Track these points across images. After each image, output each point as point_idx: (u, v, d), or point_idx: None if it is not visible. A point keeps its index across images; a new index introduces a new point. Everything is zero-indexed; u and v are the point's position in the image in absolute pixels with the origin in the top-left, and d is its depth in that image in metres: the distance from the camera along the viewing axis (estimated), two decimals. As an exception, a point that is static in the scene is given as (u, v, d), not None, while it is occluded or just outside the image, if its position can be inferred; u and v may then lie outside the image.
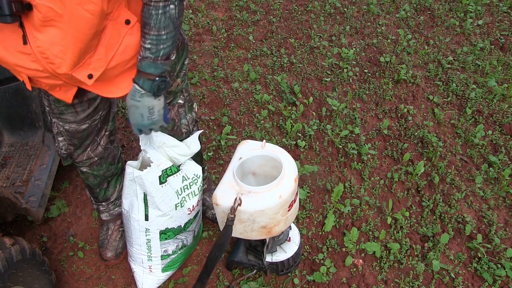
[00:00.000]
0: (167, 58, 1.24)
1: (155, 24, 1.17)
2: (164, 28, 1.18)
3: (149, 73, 1.22)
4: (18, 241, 1.45)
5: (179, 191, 1.61)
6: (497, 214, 2.17)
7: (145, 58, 1.21)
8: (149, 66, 1.21)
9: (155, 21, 1.16)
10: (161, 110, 1.33)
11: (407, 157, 2.38)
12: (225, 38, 3.35)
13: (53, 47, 1.08)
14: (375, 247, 1.96)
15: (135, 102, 1.27)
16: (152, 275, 1.76)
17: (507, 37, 3.45)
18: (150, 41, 1.19)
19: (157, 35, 1.18)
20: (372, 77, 3.03)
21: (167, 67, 1.26)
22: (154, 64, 1.21)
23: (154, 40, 1.19)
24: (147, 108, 1.29)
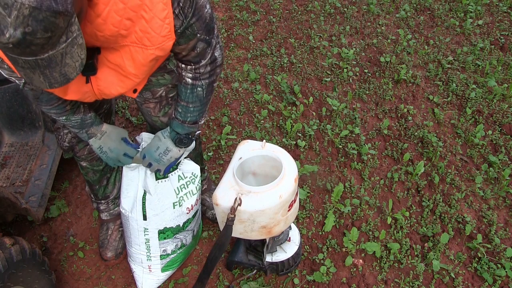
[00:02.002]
0: (194, 123, 1.42)
1: (184, 98, 1.34)
2: (192, 103, 1.35)
3: (177, 132, 1.43)
4: (18, 241, 1.45)
5: (177, 190, 1.61)
6: (497, 214, 2.17)
7: (176, 119, 1.40)
8: (177, 126, 1.42)
9: (184, 96, 1.34)
10: (173, 159, 1.49)
11: (407, 157, 2.38)
12: (225, 38, 3.35)
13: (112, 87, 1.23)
14: (375, 247, 1.96)
15: (161, 136, 1.46)
16: (152, 275, 1.76)
17: (507, 37, 3.45)
18: (180, 108, 1.37)
19: (186, 106, 1.36)
20: (372, 77, 3.03)
21: (195, 129, 1.45)
22: (181, 125, 1.41)
23: (183, 108, 1.37)
24: (165, 148, 1.46)
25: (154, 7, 1.01)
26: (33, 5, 0.72)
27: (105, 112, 1.62)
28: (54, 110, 1.31)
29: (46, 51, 0.81)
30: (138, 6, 0.99)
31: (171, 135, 1.44)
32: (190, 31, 1.13)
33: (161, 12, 1.03)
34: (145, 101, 1.56)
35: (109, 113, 1.67)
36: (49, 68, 0.84)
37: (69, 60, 0.86)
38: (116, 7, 0.97)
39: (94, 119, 1.41)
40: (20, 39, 0.75)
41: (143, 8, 1.00)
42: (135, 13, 1.01)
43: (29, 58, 0.80)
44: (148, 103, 1.56)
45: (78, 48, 0.86)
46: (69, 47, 0.84)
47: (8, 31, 0.73)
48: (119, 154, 1.48)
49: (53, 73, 0.85)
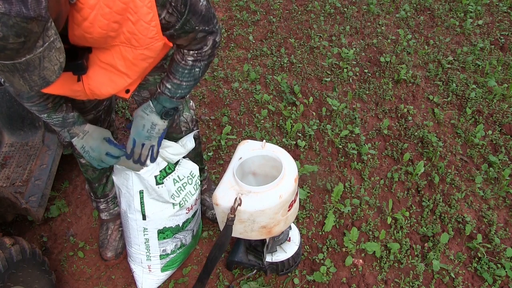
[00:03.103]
0: (182, 97, 1.40)
1: (179, 76, 1.34)
2: (186, 81, 1.35)
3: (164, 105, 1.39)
4: (18, 241, 1.45)
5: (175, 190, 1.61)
6: (497, 214, 2.17)
7: (163, 94, 1.37)
8: (165, 101, 1.38)
9: (180, 75, 1.33)
10: (161, 131, 1.46)
11: (407, 157, 2.38)
12: (225, 38, 3.35)
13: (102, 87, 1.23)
14: (375, 247, 1.96)
15: (143, 113, 1.41)
16: (152, 275, 1.76)
17: (507, 37, 3.45)
18: (171, 85, 1.35)
19: (178, 84, 1.35)
20: (372, 77, 3.03)
21: (181, 103, 1.43)
22: (170, 100, 1.38)
23: (174, 85, 1.35)
24: (151, 123, 1.42)
25: (139, 10, 1.03)
26: (1, 11, 0.72)
27: (105, 108, 1.62)
28: (36, 107, 1.31)
29: (23, 55, 0.81)
30: (123, 9, 1.02)
31: (156, 109, 1.40)
32: (189, 26, 1.16)
33: (145, 16, 1.05)
34: (144, 100, 1.57)
35: (109, 110, 1.67)
36: (28, 72, 0.84)
37: (47, 64, 0.86)
38: (102, 11, 0.99)
39: (77, 118, 1.40)
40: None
41: (129, 11, 1.03)
42: (121, 16, 1.03)
43: (6, 62, 0.81)
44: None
45: (56, 52, 0.87)
46: (47, 51, 0.84)
47: None
48: (101, 154, 1.45)
49: (32, 76, 0.86)
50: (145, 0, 1.03)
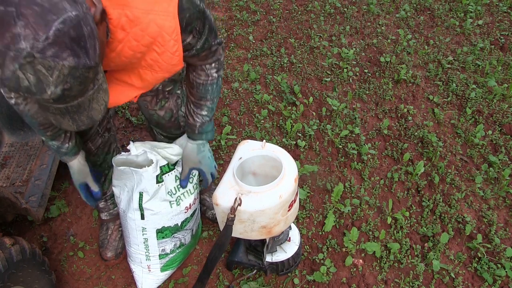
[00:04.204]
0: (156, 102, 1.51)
1: (211, 96, 1.42)
2: (217, 97, 1.45)
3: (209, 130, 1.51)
4: (18, 241, 1.45)
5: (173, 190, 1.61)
6: (497, 214, 2.17)
7: (204, 122, 1.47)
8: (208, 126, 1.49)
9: (211, 93, 1.42)
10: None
11: (407, 157, 2.38)
12: (225, 38, 3.35)
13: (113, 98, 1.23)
14: (375, 247, 1.96)
15: (202, 153, 1.54)
16: (151, 275, 1.76)
17: (507, 37, 3.45)
18: (207, 109, 1.45)
19: (211, 104, 1.45)
20: (372, 77, 3.03)
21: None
22: (211, 123, 1.50)
23: (210, 107, 1.45)
24: (208, 150, 1.56)
25: (166, 43, 1.10)
26: (72, 65, 0.80)
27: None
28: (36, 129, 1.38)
29: (77, 99, 0.88)
30: (150, 42, 1.08)
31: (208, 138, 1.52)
32: (207, 44, 1.25)
33: (172, 47, 1.12)
34: (144, 100, 1.58)
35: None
36: (78, 113, 0.91)
37: (95, 105, 0.93)
38: (130, 44, 1.06)
39: (69, 150, 1.46)
40: (59, 95, 0.83)
41: (156, 44, 1.09)
42: (147, 47, 1.09)
43: (60, 106, 0.88)
44: (144, 96, 1.58)
45: (103, 93, 0.94)
46: (96, 93, 0.92)
47: (50, 89, 0.81)
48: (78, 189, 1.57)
49: (81, 117, 0.93)
50: (172, 34, 1.09)
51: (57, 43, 0.77)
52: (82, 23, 0.81)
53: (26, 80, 0.78)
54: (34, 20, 0.75)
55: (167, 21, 1.06)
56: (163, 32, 1.07)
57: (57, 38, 0.77)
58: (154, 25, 1.05)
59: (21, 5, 0.75)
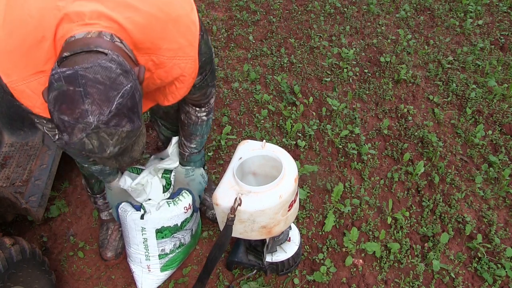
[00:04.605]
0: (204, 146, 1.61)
1: (200, 133, 1.52)
2: (206, 133, 1.56)
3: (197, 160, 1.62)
4: (18, 241, 1.45)
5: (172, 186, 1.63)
6: (497, 214, 2.17)
7: (192, 153, 1.59)
8: (196, 157, 1.61)
9: (201, 131, 1.52)
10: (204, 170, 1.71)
11: (407, 157, 2.38)
12: (225, 38, 3.35)
13: None
14: (375, 247, 1.96)
15: (190, 177, 1.65)
16: (151, 275, 1.76)
17: (507, 37, 3.45)
18: (195, 143, 1.56)
19: (201, 139, 1.55)
20: (372, 77, 3.03)
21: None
22: (199, 154, 1.61)
23: (198, 142, 1.56)
24: (200, 176, 1.67)
25: (186, 81, 1.20)
26: (129, 130, 0.92)
27: None
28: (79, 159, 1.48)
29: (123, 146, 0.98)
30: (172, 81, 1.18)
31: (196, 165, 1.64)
32: (205, 83, 1.33)
33: (190, 84, 1.22)
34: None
35: None
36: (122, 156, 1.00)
37: (136, 147, 1.03)
38: (154, 81, 1.16)
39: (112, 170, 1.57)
40: (116, 153, 0.95)
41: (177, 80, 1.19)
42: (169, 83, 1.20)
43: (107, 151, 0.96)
44: None
45: (143, 136, 1.04)
46: (137, 139, 1.01)
47: (109, 149, 0.92)
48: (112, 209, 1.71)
49: (124, 158, 1.02)
50: (192, 74, 1.18)
51: (118, 115, 0.89)
52: (134, 92, 0.92)
53: (91, 145, 0.90)
54: (99, 97, 0.87)
55: (189, 64, 1.16)
56: (184, 73, 1.17)
57: (118, 110, 0.89)
58: (177, 68, 1.14)
59: (87, 85, 0.86)
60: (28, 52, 1.01)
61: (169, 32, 1.09)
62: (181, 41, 1.12)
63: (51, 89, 0.88)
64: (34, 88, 1.06)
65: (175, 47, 1.11)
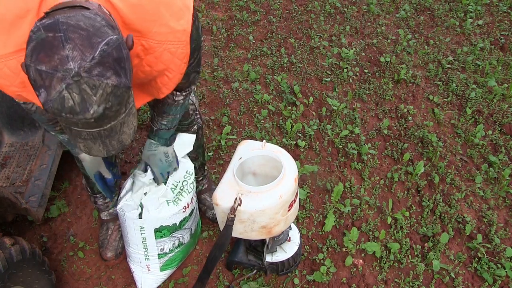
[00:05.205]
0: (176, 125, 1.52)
1: (173, 113, 1.45)
2: (180, 113, 1.47)
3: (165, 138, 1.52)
4: (18, 241, 1.45)
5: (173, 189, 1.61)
6: (497, 214, 2.17)
7: (161, 129, 1.48)
8: (164, 134, 1.50)
9: (174, 111, 1.44)
10: (173, 153, 1.59)
11: (407, 157, 2.38)
12: (225, 38, 3.35)
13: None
14: (375, 247, 1.96)
15: (152, 151, 1.53)
16: (151, 274, 1.76)
17: (507, 37, 3.45)
18: (167, 120, 1.46)
19: (173, 118, 1.46)
20: (372, 77, 3.03)
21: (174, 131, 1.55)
22: (168, 132, 1.50)
23: (169, 120, 1.47)
24: (163, 154, 1.54)
25: (178, 68, 1.15)
26: (115, 83, 0.83)
27: None
28: (45, 125, 1.38)
29: (110, 122, 0.90)
30: (163, 69, 1.13)
31: (160, 143, 1.52)
32: (190, 70, 1.27)
33: (182, 69, 1.18)
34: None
35: None
36: (109, 138, 0.93)
37: (125, 129, 0.95)
38: (143, 69, 1.10)
39: None
40: (101, 114, 0.85)
41: (168, 70, 1.14)
42: (159, 73, 1.14)
43: (93, 130, 0.89)
44: None
45: (132, 117, 0.97)
46: (127, 117, 0.93)
47: (93, 107, 0.83)
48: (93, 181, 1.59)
49: (112, 142, 0.94)
50: (183, 59, 1.14)
51: (102, 63, 0.82)
52: (121, 46, 0.86)
53: (71, 100, 0.81)
54: (81, 42, 0.80)
55: (180, 49, 1.11)
56: (176, 58, 1.12)
57: (102, 58, 0.81)
58: (167, 53, 1.09)
59: (68, 30, 0.80)
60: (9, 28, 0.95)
61: (160, 14, 1.04)
62: (172, 25, 1.07)
63: (29, 42, 0.81)
64: (13, 67, 0.99)
65: (165, 31, 1.06)
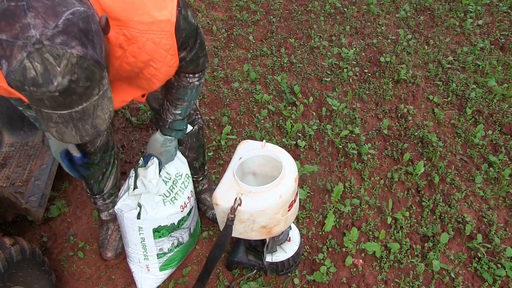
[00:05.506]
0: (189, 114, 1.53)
1: (188, 98, 1.44)
2: (194, 99, 1.47)
3: (179, 129, 1.52)
4: (18, 241, 1.45)
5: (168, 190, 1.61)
6: (497, 214, 2.17)
7: (176, 120, 1.49)
8: (179, 125, 1.51)
9: (189, 96, 1.44)
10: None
11: (407, 157, 2.38)
12: (225, 38, 3.35)
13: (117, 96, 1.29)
14: (375, 247, 1.96)
15: (167, 148, 1.55)
16: (151, 274, 1.76)
17: (507, 37, 3.45)
18: (181, 109, 1.46)
19: (187, 105, 1.46)
20: (372, 77, 3.03)
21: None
22: (182, 122, 1.51)
23: (184, 108, 1.46)
24: (175, 148, 1.59)
25: (163, 59, 1.13)
26: (80, 54, 0.79)
27: None
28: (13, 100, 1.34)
29: (81, 103, 0.85)
30: (148, 59, 1.11)
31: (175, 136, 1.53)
32: (196, 56, 1.28)
33: (169, 61, 1.16)
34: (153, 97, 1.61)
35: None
36: (82, 121, 0.88)
37: (100, 112, 0.90)
38: (127, 60, 1.08)
39: None
40: (66, 87, 0.80)
41: (153, 60, 1.12)
42: (145, 64, 1.12)
43: (64, 112, 0.85)
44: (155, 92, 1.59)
45: (107, 101, 0.92)
46: (101, 99, 0.89)
47: (57, 79, 0.78)
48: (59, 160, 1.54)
49: (85, 126, 0.89)
50: (169, 50, 1.12)
51: (66, 32, 0.78)
52: (90, 19, 0.82)
53: (33, 70, 0.77)
54: (44, 11, 0.76)
55: (164, 39, 1.09)
56: (160, 49, 1.10)
57: (66, 27, 0.78)
58: (150, 43, 1.07)
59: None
60: None
61: (141, 3, 1.03)
62: (155, 15, 1.05)
63: None
64: None
65: (148, 20, 1.04)
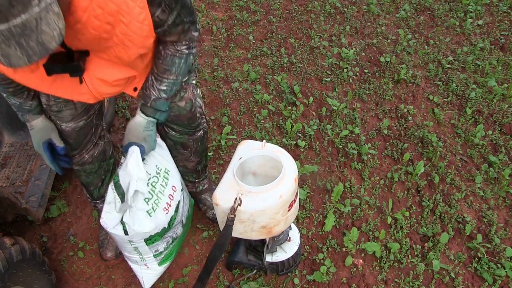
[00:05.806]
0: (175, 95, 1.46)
1: (176, 70, 1.35)
2: (182, 74, 1.37)
3: (163, 110, 1.42)
4: (18, 241, 1.45)
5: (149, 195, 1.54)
6: (497, 214, 2.17)
7: (160, 98, 1.39)
8: (162, 105, 1.41)
9: (177, 68, 1.35)
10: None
11: (407, 157, 2.38)
12: (225, 38, 3.35)
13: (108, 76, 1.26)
14: (375, 247, 1.96)
15: (149, 131, 1.45)
16: (150, 270, 1.75)
17: (507, 37, 3.45)
18: (167, 84, 1.37)
19: (174, 80, 1.37)
20: (372, 77, 3.03)
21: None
22: (166, 102, 1.42)
23: (171, 84, 1.37)
24: (156, 132, 1.49)
25: (131, 11, 1.07)
26: None
27: (96, 113, 1.60)
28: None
29: (18, 14, 0.79)
30: (115, 11, 1.05)
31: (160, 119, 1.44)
32: (179, 20, 1.21)
33: (138, 16, 1.09)
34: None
35: (100, 115, 1.64)
36: (24, 36, 0.81)
37: (45, 27, 0.83)
38: (94, 13, 1.02)
39: (33, 108, 1.43)
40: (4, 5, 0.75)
41: (121, 13, 1.06)
42: (114, 17, 1.06)
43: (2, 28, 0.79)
44: None
45: (54, 15, 0.84)
46: (44, 12, 0.82)
47: None
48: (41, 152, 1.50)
49: (29, 42, 0.83)
50: (137, 0, 1.06)
51: None
52: None
53: None
54: None
55: None
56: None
57: None
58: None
59: None
60: None
61: None
62: None
63: None
64: None
65: None
